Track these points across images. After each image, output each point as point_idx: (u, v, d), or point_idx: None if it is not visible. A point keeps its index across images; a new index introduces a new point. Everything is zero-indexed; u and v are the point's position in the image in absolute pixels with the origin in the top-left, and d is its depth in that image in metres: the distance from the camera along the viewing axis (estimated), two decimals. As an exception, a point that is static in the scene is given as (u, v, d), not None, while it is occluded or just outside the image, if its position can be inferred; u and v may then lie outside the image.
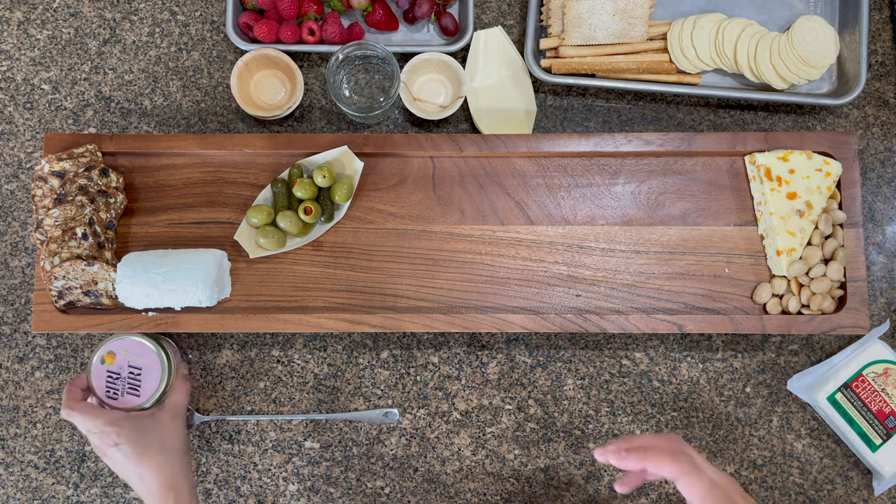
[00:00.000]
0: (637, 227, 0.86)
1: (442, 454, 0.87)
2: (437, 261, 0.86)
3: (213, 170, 0.87)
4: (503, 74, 0.90)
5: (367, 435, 0.87)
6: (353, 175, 0.85)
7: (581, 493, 0.87)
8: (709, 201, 0.87)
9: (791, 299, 0.83)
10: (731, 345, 0.88)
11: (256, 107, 0.88)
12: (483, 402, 0.88)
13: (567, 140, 0.85)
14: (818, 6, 0.91)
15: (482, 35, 0.90)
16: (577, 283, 0.85)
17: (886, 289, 0.89)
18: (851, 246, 0.84)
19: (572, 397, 0.88)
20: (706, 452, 0.87)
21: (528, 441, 0.87)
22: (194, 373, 0.88)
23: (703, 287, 0.85)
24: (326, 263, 0.86)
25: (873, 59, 0.93)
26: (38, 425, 0.88)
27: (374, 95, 0.90)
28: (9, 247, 0.90)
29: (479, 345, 0.88)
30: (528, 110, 0.90)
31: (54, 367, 0.88)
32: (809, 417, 0.88)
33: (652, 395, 0.88)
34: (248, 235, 0.85)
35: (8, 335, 0.89)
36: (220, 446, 0.87)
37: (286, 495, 0.87)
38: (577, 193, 0.87)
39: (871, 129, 0.92)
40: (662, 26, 0.89)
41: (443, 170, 0.87)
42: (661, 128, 0.92)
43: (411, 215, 0.87)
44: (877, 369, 0.85)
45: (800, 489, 0.87)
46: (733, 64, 0.88)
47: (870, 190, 0.91)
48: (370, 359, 0.88)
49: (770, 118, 0.92)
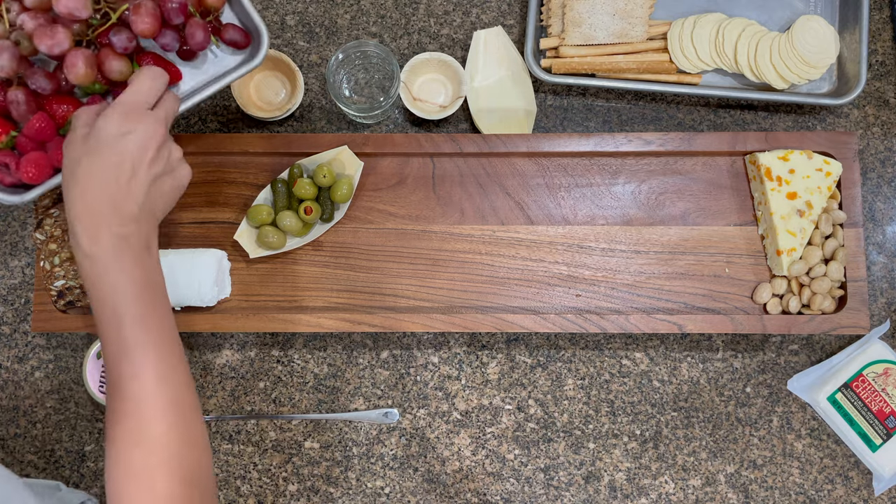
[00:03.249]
0: (637, 226, 0.86)
1: (442, 454, 0.87)
2: (437, 261, 0.86)
3: (213, 170, 0.87)
4: (503, 74, 0.90)
5: (367, 435, 0.87)
6: (353, 175, 0.85)
7: (581, 493, 0.87)
8: (709, 201, 0.87)
9: (791, 299, 0.83)
10: (731, 345, 0.88)
11: (257, 107, 0.88)
12: (483, 402, 0.88)
13: (567, 140, 0.85)
14: (818, 6, 0.91)
15: (482, 35, 0.90)
16: (577, 283, 0.85)
17: (886, 289, 0.89)
18: (851, 246, 0.84)
19: (572, 397, 0.88)
20: (706, 452, 0.87)
21: (528, 441, 0.87)
22: (194, 372, 0.88)
23: (703, 287, 0.85)
24: (326, 263, 0.86)
25: (873, 58, 0.93)
26: (38, 425, 0.88)
27: (374, 95, 0.90)
28: (9, 247, 0.90)
29: (479, 345, 0.88)
30: (528, 110, 0.90)
31: (54, 367, 0.88)
32: (809, 417, 0.88)
33: (652, 395, 0.88)
34: (248, 235, 0.85)
35: (8, 335, 0.89)
36: (220, 446, 0.87)
37: (286, 495, 0.87)
38: (577, 193, 0.87)
39: (871, 129, 0.92)
40: (662, 26, 0.89)
41: (443, 170, 0.87)
42: (661, 128, 0.92)
43: (411, 215, 0.87)
44: (877, 369, 0.85)
45: (800, 489, 0.87)
46: (733, 64, 0.88)
47: (870, 190, 0.91)
48: (370, 359, 0.88)
49: (770, 118, 0.92)
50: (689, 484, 0.86)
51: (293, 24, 0.93)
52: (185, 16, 0.70)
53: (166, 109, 0.67)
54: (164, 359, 0.62)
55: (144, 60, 0.71)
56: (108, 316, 0.61)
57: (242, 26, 0.75)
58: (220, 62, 0.75)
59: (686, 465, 0.87)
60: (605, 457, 0.87)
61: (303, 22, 0.93)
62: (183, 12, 0.70)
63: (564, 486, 0.87)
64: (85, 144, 0.63)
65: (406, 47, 0.93)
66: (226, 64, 0.75)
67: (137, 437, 0.60)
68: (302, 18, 0.93)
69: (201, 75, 0.75)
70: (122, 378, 0.61)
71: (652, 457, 0.87)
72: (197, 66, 0.75)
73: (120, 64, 0.69)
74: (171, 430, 0.61)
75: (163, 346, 0.62)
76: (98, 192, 0.61)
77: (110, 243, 0.61)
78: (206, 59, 0.75)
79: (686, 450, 0.87)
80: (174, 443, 0.60)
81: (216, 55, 0.75)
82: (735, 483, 0.86)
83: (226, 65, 0.75)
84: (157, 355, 0.61)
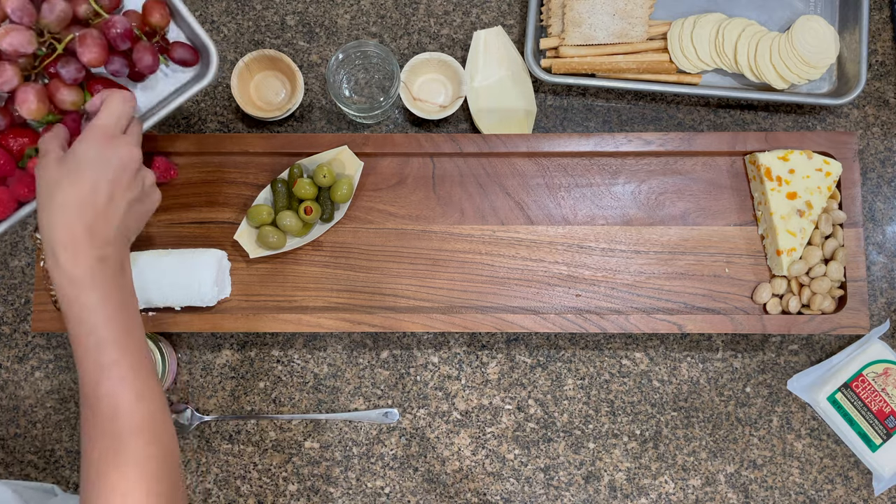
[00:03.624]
0: (637, 226, 0.86)
1: (442, 454, 0.87)
2: (437, 261, 0.86)
3: (213, 170, 0.87)
4: (503, 74, 0.90)
5: (367, 435, 0.87)
6: (353, 175, 0.85)
7: (581, 493, 0.87)
8: (709, 201, 0.87)
9: (791, 299, 0.83)
10: (731, 345, 0.88)
11: (257, 107, 0.88)
12: (483, 402, 0.88)
13: (567, 140, 0.85)
14: (818, 6, 0.91)
15: (482, 35, 0.90)
16: (577, 283, 0.85)
17: (886, 289, 0.89)
18: (851, 246, 0.84)
19: (572, 397, 0.88)
20: (706, 452, 0.87)
21: (528, 441, 0.87)
22: (194, 372, 0.88)
23: (703, 287, 0.85)
24: (326, 263, 0.86)
25: (873, 58, 0.93)
26: (38, 425, 0.88)
27: (374, 95, 0.90)
28: (9, 247, 0.90)
29: (479, 345, 0.88)
30: (528, 110, 0.90)
31: (54, 367, 0.88)
32: (809, 417, 0.88)
33: (652, 395, 0.88)
34: (248, 235, 0.85)
35: (8, 335, 0.89)
36: (220, 446, 0.87)
37: (286, 495, 0.87)
38: (577, 193, 0.87)
39: (871, 129, 0.92)
40: (662, 26, 0.89)
41: (443, 170, 0.87)
42: (661, 128, 0.92)
43: (411, 215, 0.87)
44: (877, 369, 0.85)
45: (800, 489, 0.87)
46: (733, 64, 0.88)
47: (870, 190, 0.91)
48: (370, 359, 0.88)
49: (770, 118, 0.92)
50: (689, 484, 0.86)
51: (293, 24, 0.93)
52: (131, 40, 0.70)
53: (136, 134, 0.68)
54: (140, 377, 0.62)
55: (96, 87, 0.71)
56: (84, 336, 0.62)
57: (190, 43, 0.75)
58: (173, 79, 0.76)
59: (686, 464, 0.87)
60: (605, 457, 0.87)
61: (303, 22, 0.93)
62: (128, 37, 0.69)
63: (564, 486, 0.87)
64: (62, 167, 0.64)
65: (406, 47, 0.93)
66: (179, 79, 0.76)
67: (115, 456, 0.60)
68: (302, 18, 0.93)
69: (155, 96, 0.75)
70: (99, 397, 0.61)
71: (652, 457, 0.87)
72: (150, 87, 0.75)
73: (71, 94, 0.69)
74: (149, 447, 0.61)
75: (138, 365, 0.63)
76: (77, 215, 0.62)
77: (88, 265, 0.62)
78: (158, 78, 0.75)
79: (686, 450, 0.87)
80: (152, 460, 0.61)
81: (167, 74, 0.75)
82: (735, 483, 0.86)
83: (179, 80, 0.76)
84: (133, 374, 0.62)
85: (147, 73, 0.73)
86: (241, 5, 0.93)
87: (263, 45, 0.93)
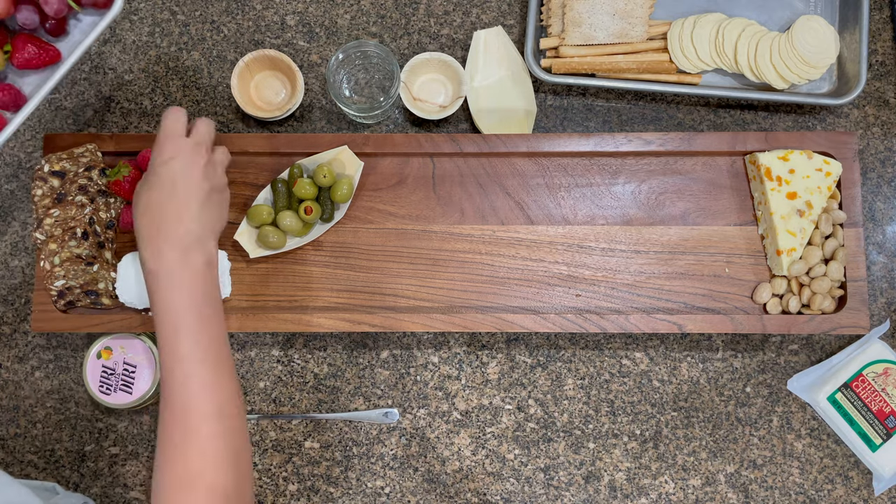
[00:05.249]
0: (637, 226, 0.86)
1: (442, 454, 0.87)
2: (437, 261, 0.86)
3: (213, 170, 0.87)
4: (503, 74, 0.90)
5: (367, 435, 0.87)
6: (353, 175, 0.85)
7: (581, 493, 0.87)
8: (709, 201, 0.87)
9: (791, 299, 0.83)
10: (731, 345, 0.88)
11: (257, 107, 0.88)
12: (483, 402, 0.88)
13: (567, 140, 0.85)
14: (818, 6, 0.91)
15: (482, 35, 0.90)
16: (577, 283, 0.85)
17: (886, 289, 0.89)
18: (851, 246, 0.84)
19: (572, 397, 0.88)
20: (706, 452, 0.87)
21: (528, 441, 0.87)
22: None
23: (703, 287, 0.85)
24: (326, 263, 0.86)
25: (873, 58, 0.93)
26: (38, 425, 0.88)
27: (374, 95, 0.90)
28: (9, 247, 0.90)
29: (479, 345, 0.88)
30: (528, 110, 0.90)
31: (54, 367, 0.88)
32: (809, 417, 0.88)
33: (652, 395, 0.88)
34: (248, 235, 0.85)
35: (8, 335, 0.89)
36: (220, 446, 0.87)
37: (286, 495, 0.87)
38: (577, 193, 0.87)
39: (871, 129, 0.92)
40: (662, 26, 0.89)
41: (443, 170, 0.87)
42: (661, 128, 0.92)
43: (411, 215, 0.87)
44: (877, 369, 0.85)
45: (800, 489, 0.87)
46: (733, 64, 0.88)
47: (870, 190, 0.91)
48: (370, 359, 0.88)
49: (770, 118, 0.92)
50: (689, 484, 0.86)
51: (293, 24, 0.93)
52: None
53: (200, 133, 0.73)
54: (211, 369, 0.66)
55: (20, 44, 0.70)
56: (166, 328, 0.66)
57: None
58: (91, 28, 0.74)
59: (686, 464, 0.87)
60: (605, 457, 0.87)
61: (303, 22, 0.93)
62: None
63: (564, 486, 0.87)
64: (145, 181, 0.71)
65: (406, 47, 0.93)
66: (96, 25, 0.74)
67: (183, 444, 0.64)
68: (302, 18, 0.93)
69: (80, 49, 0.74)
70: (173, 385, 0.65)
71: (652, 457, 0.87)
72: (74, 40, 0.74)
73: None
74: (215, 439, 0.64)
75: (212, 358, 0.67)
76: (157, 215, 0.68)
77: (171, 260, 0.67)
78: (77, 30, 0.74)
79: (686, 450, 0.87)
80: (220, 450, 0.64)
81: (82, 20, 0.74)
82: (735, 483, 0.86)
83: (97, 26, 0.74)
84: (204, 366, 0.66)
85: (57, 16, 0.70)
86: (241, 5, 0.93)
87: (263, 44, 0.93)
